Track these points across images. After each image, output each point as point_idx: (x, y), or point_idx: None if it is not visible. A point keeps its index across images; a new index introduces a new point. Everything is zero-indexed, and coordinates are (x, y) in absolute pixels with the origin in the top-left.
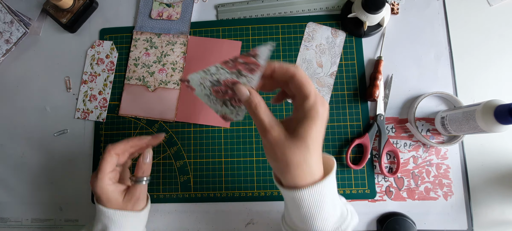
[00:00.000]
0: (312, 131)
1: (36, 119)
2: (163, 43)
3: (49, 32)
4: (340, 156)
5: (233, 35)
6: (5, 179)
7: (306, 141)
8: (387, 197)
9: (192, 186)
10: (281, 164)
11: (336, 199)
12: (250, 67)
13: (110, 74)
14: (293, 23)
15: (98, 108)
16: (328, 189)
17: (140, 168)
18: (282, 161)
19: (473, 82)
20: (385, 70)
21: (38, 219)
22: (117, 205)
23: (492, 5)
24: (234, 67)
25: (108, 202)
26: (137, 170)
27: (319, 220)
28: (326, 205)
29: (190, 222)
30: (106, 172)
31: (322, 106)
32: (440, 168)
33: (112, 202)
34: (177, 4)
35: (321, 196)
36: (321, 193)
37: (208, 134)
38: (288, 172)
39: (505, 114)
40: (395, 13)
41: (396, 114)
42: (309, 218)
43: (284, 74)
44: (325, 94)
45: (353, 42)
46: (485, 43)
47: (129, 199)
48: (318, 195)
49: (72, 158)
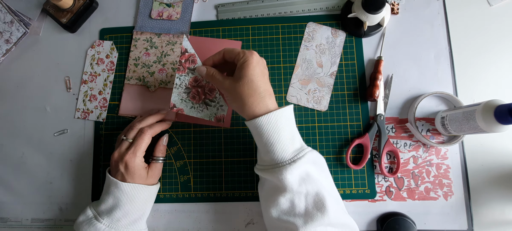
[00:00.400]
0: (249, 69)
1: (36, 119)
2: (163, 43)
3: (49, 32)
4: (340, 156)
5: (233, 35)
6: (5, 179)
7: (248, 76)
8: (387, 197)
9: (192, 186)
10: (238, 101)
11: (296, 136)
12: (191, 60)
13: (110, 74)
14: (293, 23)
15: (98, 108)
16: (283, 120)
17: (159, 149)
18: (238, 98)
19: (473, 82)
20: (385, 70)
21: (38, 219)
22: (142, 180)
23: (492, 5)
24: (184, 70)
25: (135, 177)
26: (157, 150)
27: (279, 146)
28: (283, 133)
29: (190, 222)
30: (143, 150)
31: (249, 53)
32: (440, 168)
33: (140, 177)
34: (177, 4)
35: (277, 124)
36: (277, 122)
37: (208, 134)
38: (245, 104)
39: (505, 114)
40: (395, 13)
41: (396, 115)
42: (270, 145)
43: (230, 53)
44: (325, 94)
45: (353, 42)
46: (485, 43)
47: (151, 175)
48: (274, 123)
49: (72, 158)
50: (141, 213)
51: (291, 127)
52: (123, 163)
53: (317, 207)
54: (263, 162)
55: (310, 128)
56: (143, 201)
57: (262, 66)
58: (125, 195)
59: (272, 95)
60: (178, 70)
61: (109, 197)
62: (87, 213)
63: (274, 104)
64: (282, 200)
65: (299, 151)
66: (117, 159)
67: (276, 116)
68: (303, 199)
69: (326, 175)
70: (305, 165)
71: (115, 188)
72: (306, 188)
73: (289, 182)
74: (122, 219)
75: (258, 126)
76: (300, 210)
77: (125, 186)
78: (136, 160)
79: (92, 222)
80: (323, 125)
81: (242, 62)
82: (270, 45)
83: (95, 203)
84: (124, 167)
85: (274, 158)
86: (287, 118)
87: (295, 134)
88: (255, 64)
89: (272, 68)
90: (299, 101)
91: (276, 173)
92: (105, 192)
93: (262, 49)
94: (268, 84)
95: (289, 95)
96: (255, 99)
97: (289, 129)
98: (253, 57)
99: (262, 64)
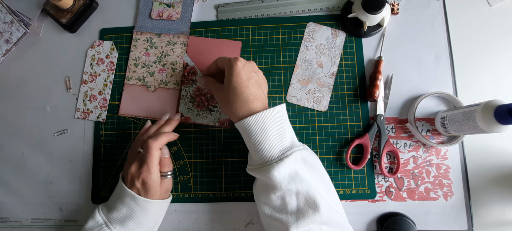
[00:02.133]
0: (233, 76)
1: (36, 119)
2: (163, 43)
3: (49, 32)
4: (340, 156)
5: (233, 35)
6: (5, 179)
7: (231, 84)
8: (387, 197)
9: (192, 186)
10: (226, 106)
11: (286, 135)
12: (192, 72)
13: (110, 74)
14: (293, 23)
15: (98, 109)
16: (271, 120)
17: (164, 164)
18: (225, 103)
19: (473, 82)
20: (385, 70)
21: (38, 219)
22: (156, 196)
23: (492, 5)
24: (187, 81)
25: (151, 194)
26: (162, 166)
27: (267, 145)
28: (271, 132)
29: (190, 222)
30: (156, 164)
31: (234, 61)
32: (440, 168)
33: (155, 194)
34: (177, 4)
35: (265, 124)
36: (264, 122)
37: (208, 134)
38: (231, 109)
39: (505, 114)
40: (395, 13)
41: (396, 115)
42: (257, 144)
43: (221, 61)
44: (325, 95)
45: (353, 42)
46: (485, 43)
47: (164, 190)
48: (262, 122)
49: (72, 158)
50: (153, 224)
51: (281, 125)
52: (140, 180)
53: (309, 204)
54: (253, 162)
55: (310, 128)
56: (157, 214)
57: (248, 71)
58: (141, 208)
59: (258, 98)
60: (183, 83)
61: (123, 206)
62: (97, 219)
63: (261, 106)
64: (273, 197)
65: (287, 149)
66: (134, 174)
67: (263, 116)
68: (294, 197)
69: (318, 173)
70: (294, 164)
71: (131, 200)
72: (296, 186)
73: (278, 179)
74: (134, 229)
75: (246, 126)
76: (292, 207)
77: (141, 201)
78: (152, 176)
79: (103, 229)
80: (323, 125)
81: (227, 70)
82: (270, 45)
83: (105, 208)
84: (141, 183)
85: (263, 156)
86: (275, 117)
87: (285, 133)
88: (239, 72)
89: (272, 68)
90: (299, 101)
91: (265, 171)
92: (118, 200)
93: (262, 49)
94: (255, 87)
95: (289, 95)
96: (239, 104)
97: (278, 128)
98: (236, 65)
99: (247, 69)
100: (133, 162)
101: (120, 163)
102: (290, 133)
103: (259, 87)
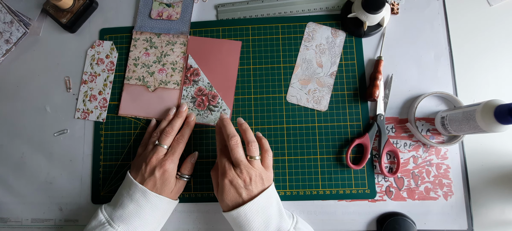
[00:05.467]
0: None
1: (36, 119)
2: (163, 43)
3: (49, 32)
4: (340, 156)
5: (233, 35)
6: (5, 179)
7: (218, 188)
8: (387, 197)
9: (192, 186)
10: (220, 202)
11: (272, 222)
12: (195, 73)
13: (110, 74)
14: (293, 23)
15: (98, 109)
16: (253, 212)
17: (186, 166)
18: (219, 199)
19: (473, 82)
20: (385, 70)
21: (38, 219)
22: (168, 192)
23: (492, 5)
24: (189, 82)
25: (165, 186)
26: (184, 167)
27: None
28: (254, 224)
29: (190, 222)
30: (179, 156)
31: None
32: (440, 168)
33: (169, 188)
34: (177, 4)
35: (247, 217)
36: (246, 215)
37: (208, 134)
38: (219, 199)
39: (505, 115)
40: (395, 13)
41: (396, 115)
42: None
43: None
44: (325, 94)
45: (353, 42)
46: (485, 43)
47: (176, 190)
48: (244, 216)
49: (72, 158)
50: (157, 224)
51: (265, 215)
52: (161, 168)
53: None
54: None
55: (310, 128)
56: (164, 213)
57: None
58: (150, 204)
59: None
60: (185, 84)
61: (131, 202)
62: (99, 218)
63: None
64: None
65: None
66: (156, 164)
67: (245, 210)
68: None
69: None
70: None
71: (141, 196)
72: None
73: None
74: (139, 228)
75: (230, 219)
76: None
77: (152, 196)
78: (173, 166)
79: (105, 227)
80: (323, 125)
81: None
82: (270, 45)
83: (109, 207)
84: (162, 173)
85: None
86: (258, 209)
87: (270, 220)
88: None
89: (272, 68)
90: (299, 101)
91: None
92: (126, 196)
93: (262, 49)
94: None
95: (289, 95)
96: (223, 203)
97: (261, 218)
98: (224, 181)
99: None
100: (151, 154)
101: (120, 163)
102: (275, 219)
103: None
